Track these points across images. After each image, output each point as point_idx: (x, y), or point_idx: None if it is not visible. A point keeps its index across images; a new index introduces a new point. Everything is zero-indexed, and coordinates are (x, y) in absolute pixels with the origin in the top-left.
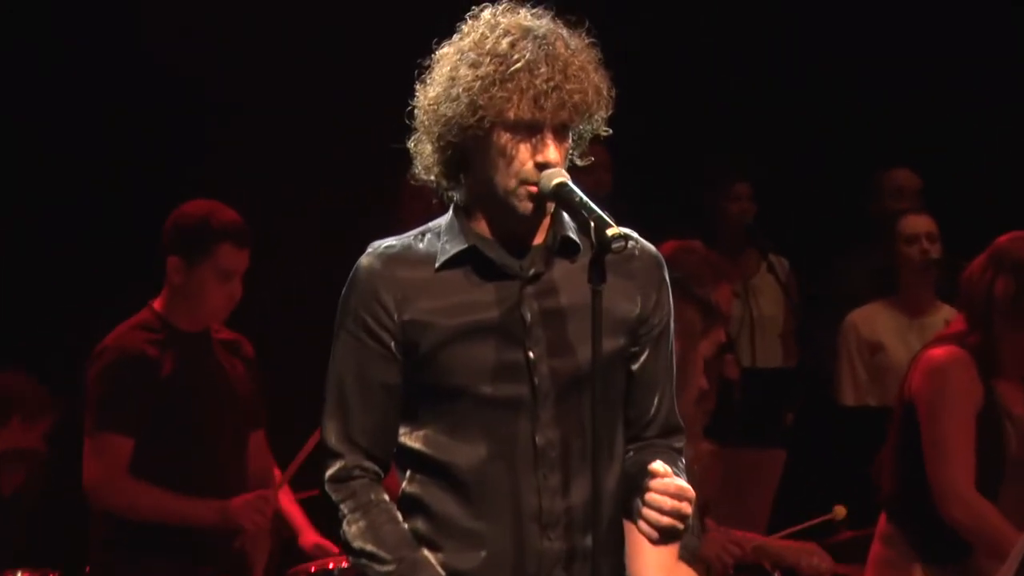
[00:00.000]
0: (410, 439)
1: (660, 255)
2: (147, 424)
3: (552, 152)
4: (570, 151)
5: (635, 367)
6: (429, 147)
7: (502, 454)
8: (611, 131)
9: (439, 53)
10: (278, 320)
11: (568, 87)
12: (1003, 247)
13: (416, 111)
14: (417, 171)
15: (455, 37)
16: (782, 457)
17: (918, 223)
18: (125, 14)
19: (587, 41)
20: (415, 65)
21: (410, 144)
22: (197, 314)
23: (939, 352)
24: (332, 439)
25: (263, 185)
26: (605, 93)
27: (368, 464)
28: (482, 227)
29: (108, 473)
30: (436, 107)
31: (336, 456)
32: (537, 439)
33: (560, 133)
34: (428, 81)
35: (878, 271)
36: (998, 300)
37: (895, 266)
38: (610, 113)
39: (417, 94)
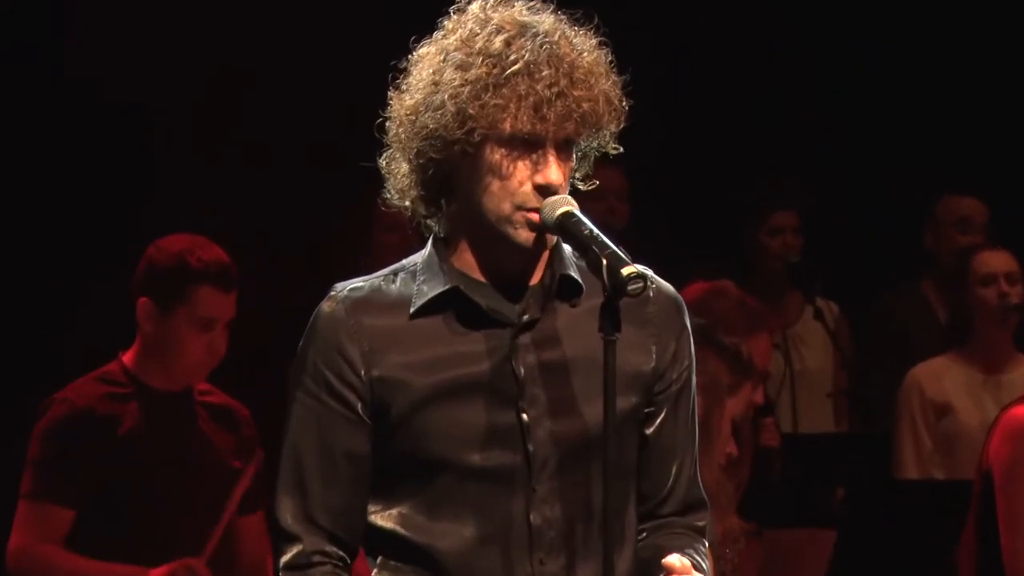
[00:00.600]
0: (381, 518)
1: (680, 297)
2: (95, 492)
3: (555, 172)
4: (573, 171)
5: (649, 431)
6: (405, 166)
7: (491, 536)
8: (622, 149)
9: (418, 54)
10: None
11: (575, 94)
12: None
13: (389, 123)
14: (390, 195)
15: (437, 35)
16: (831, 539)
17: (996, 260)
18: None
19: (595, 40)
20: (389, 68)
21: (381, 162)
22: (172, 369)
23: (1022, 412)
24: (288, 519)
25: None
26: (617, 103)
27: (331, 548)
28: (467, 264)
29: (35, 544)
30: (415, 118)
31: (293, 539)
32: (532, 517)
33: (564, 150)
34: (405, 87)
35: (948, 318)
36: None
37: (968, 312)
38: (622, 127)
39: (391, 102)
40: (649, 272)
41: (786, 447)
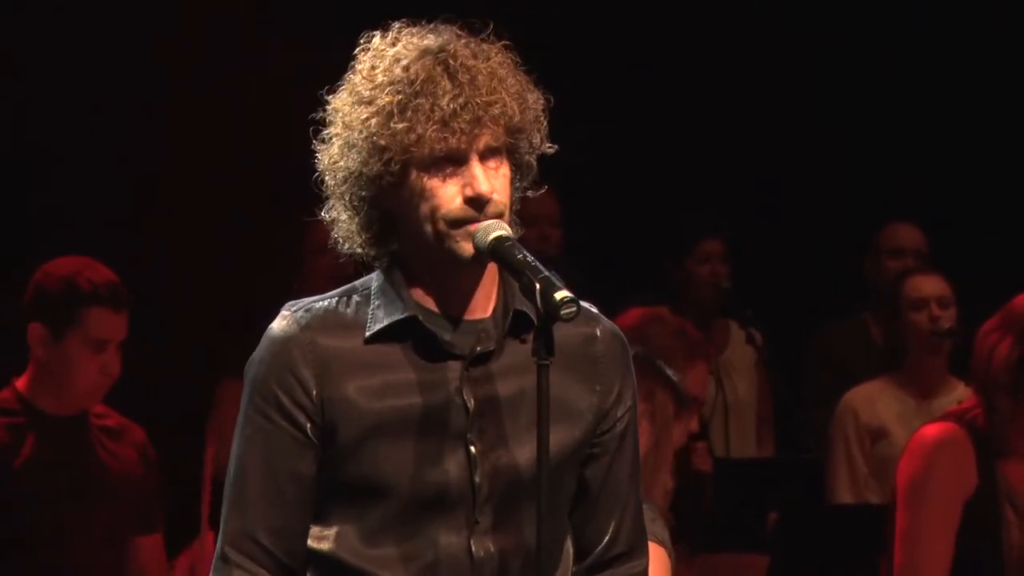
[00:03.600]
0: (321, 544)
1: (624, 337)
2: None
3: (483, 182)
4: (516, 182)
5: (592, 472)
6: (344, 213)
7: (432, 566)
8: (557, 147)
9: (333, 102)
10: (165, 402)
11: (479, 100)
12: (1017, 307)
13: (322, 174)
14: (340, 245)
15: (347, 77)
16: (765, 564)
17: (927, 285)
18: None
19: (499, 45)
20: (310, 122)
21: (324, 215)
22: (66, 394)
23: (931, 431)
24: (229, 537)
25: (142, 244)
26: (530, 100)
27: (271, 570)
28: (420, 294)
29: None
30: (338, 163)
31: (232, 558)
32: (474, 549)
33: (491, 158)
34: (326, 137)
35: (880, 343)
36: (998, 366)
37: (900, 337)
38: (546, 122)
39: (319, 154)
40: (594, 310)
41: (718, 472)
